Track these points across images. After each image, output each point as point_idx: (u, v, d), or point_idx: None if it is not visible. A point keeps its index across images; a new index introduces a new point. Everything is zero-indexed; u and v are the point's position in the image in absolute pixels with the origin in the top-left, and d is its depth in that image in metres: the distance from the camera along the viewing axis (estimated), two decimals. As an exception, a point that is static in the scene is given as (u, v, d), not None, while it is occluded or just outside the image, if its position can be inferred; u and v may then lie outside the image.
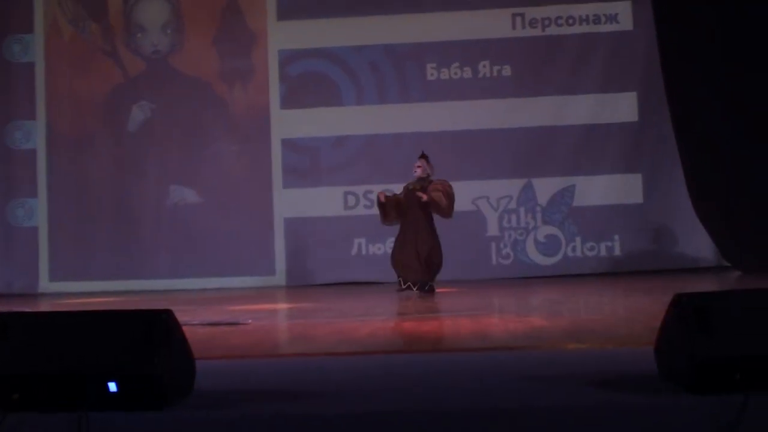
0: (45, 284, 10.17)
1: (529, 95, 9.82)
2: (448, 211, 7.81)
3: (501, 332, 4.53)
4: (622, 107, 9.73)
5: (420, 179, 7.91)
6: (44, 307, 8.04)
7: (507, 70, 9.90)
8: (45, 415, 2.41)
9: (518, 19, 9.95)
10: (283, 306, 7.63)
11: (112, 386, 2.43)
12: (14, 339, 2.49)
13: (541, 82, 9.81)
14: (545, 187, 9.81)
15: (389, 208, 7.96)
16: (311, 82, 10.16)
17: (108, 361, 2.43)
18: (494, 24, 9.93)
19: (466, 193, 9.81)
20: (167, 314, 2.54)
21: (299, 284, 9.74)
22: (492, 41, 9.92)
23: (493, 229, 9.86)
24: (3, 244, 10.24)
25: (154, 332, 2.47)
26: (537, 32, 9.93)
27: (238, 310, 6.53)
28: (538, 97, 9.80)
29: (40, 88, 10.35)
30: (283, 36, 10.20)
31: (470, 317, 5.31)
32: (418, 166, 7.96)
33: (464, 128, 9.88)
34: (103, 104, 10.36)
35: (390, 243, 9.86)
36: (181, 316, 2.67)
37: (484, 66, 9.93)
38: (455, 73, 9.96)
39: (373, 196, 9.91)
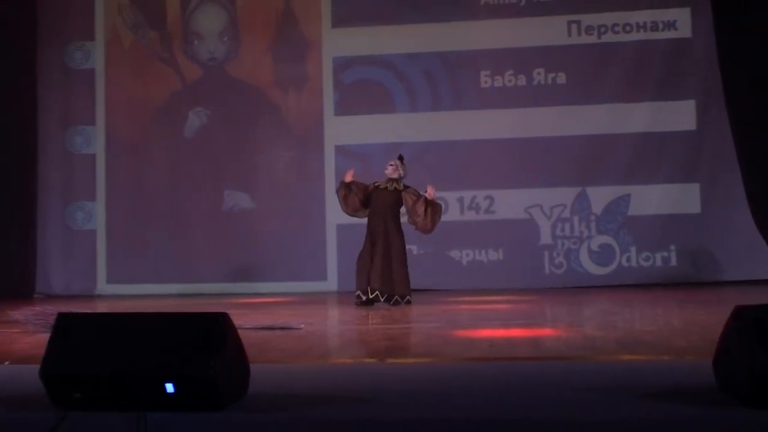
0: (102, 286, 10.37)
1: (585, 103, 9.73)
2: (432, 226, 7.45)
3: (554, 342, 4.49)
4: (679, 115, 9.59)
5: (391, 179, 7.56)
6: (102, 308, 8.19)
7: (562, 78, 9.82)
8: (105, 414, 2.46)
9: (574, 26, 9.87)
10: (334, 311, 7.66)
11: (170, 387, 2.46)
12: (76, 339, 2.55)
13: (597, 89, 9.72)
14: (600, 196, 9.71)
15: (354, 191, 7.51)
16: (365, 89, 10.21)
17: (165, 363, 2.47)
18: (549, 31, 9.86)
19: (518, 201, 9.78)
20: (223, 317, 2.57)
21: (351, 290, 9.75)
22: (547, 48, 9.86)
23: (546, 238, 9.77)
24: (63, 246, 10.46)
25: (210, 335, 2.50)
26: (593, 39, 9.84)
27: (291, 315, 6.58)
28: (594, 105, 9.71)
29: (100, 94, 10.57)
30: (338, 43, 10.27)
31: (522, 326, 5.27)
32: (391, 165, 7.59)
33: (518, 136, 9.83)
34: (160, 110, 10.54)
35: (443, 249, 9.88)
36: (235, 320, 2.70)
37: (539, 73, 9.87)
38: (509, 81, 9.92)
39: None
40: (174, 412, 2.48)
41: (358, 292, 7.37)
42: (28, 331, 5.47)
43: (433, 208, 7.41)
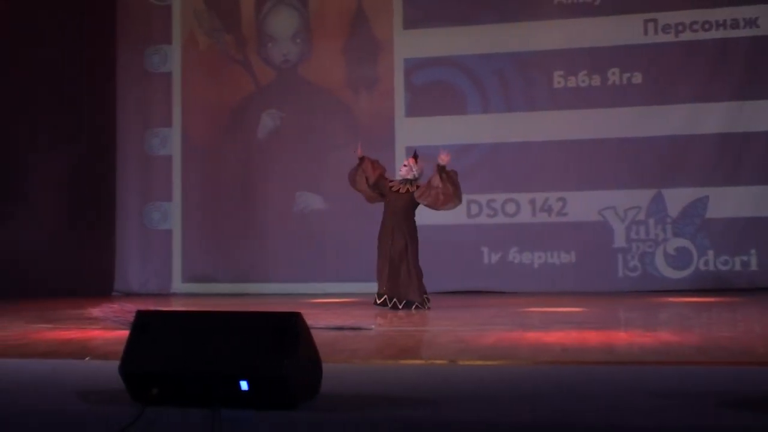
0: (177, 285, 10.58)
1: (661, 103, 9.53)
2: (455, 190, 7.22)
3: (628, 346, 4.41)
4: (760, 115, 9.31)
5: (405, 180, 7.39)
6: (177, 306, 8.36)
7: (637, 78, 9.64)
8: (181, 410, 2.51)
9: (650, 25, 9.67)
10: (404, 313, 7.66)
11: (244, 385, 2.50)
12: (154, 336, 2.61)
13: (674, 89, 9.51)
14: (677, 198, 9.49)
15: (367, 170, 7.43)
16: (436, 90, 10.19)
17: (240, 361, 2.51)
18: (624, 30, 9.69)
19: (592, 203, 9.64)
20: (297, 317, 2.60)
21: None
22: (622, 48, 9.69)
23: (620, 241, 9.60)
24: (140, 245, 10.72)
25: (284, 334, 2.53)
26: (670, 38, 9.63)
27: (362, 316, 6.61)
28: (671, 105, 9.50)
29: (177, 97, 10.80)
30: (409, 45, 10.28)
31: (596, 330, 5.19)
32: (404, 165, 7.42)
33: (591, 137, 9.69)
34: (234, 112, 10.71)
35: (514, 252, 9.81)
36: (306, 320, 2.73)
37: (614, 73, 9.71)
38: (583, 81, 9.78)
39: (497, 205, 9.88)
40: (247, 410, 2.51)
41: (382, 295, 7.27)
42: (107, 328, 5.62)
43: (448, 173, 7.17)
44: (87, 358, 4.04)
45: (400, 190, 7.33)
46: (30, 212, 10.22)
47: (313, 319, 5.62)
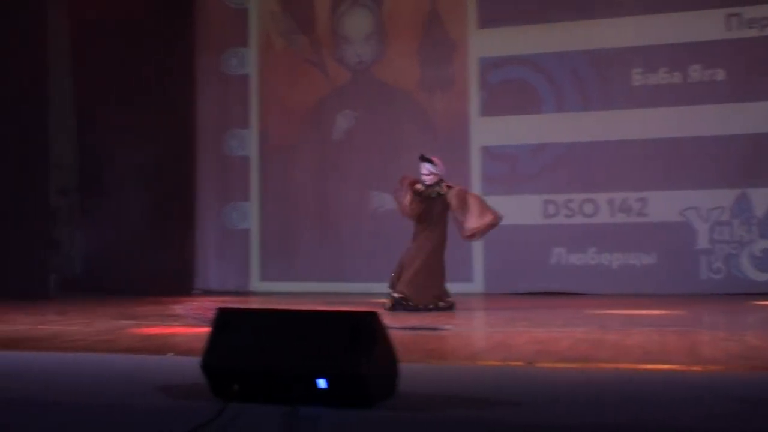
0: (256, 283, 10.74)
1: (746, 100, 9.23)
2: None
3: (712, 350, 4.30)
4: None
5: (432, 185, 7.44)
6: (255, 305, 8.48)
7: (720, 74, 9.37)
8: (260, 407, 2.54)
9: (734, 20, 9.40)
10: (481, 313, 7.63)
11: (322, 383, 2.52)
12: (234, 333, 2.65)
13: (759, 86, 9.20)
14: (763, 198, 9.18)
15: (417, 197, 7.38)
16: (511, 89, 10.10)
17: (318, 359, 2.53)
18: (707, 25, 9.43)
19: (673, 204, 9.41)
20: (374, 316, 2.61)
21: (497, 292, 9.70)
22: (704, 44, 9.44)
23: (703, 242, 9.35)
24: (219, 245, 10.91)
25: (362, 333, 2.54)
26: (755, 33, 9.32)
27: (438, 316, 6.60)
28: (756, 103, 9.20)
29: (254, 99, 10.96)
30: (484, 44, 10.22)
31: (678, 333, 5.08)
32: (426, 175, 7.42)
33: (672, 136, 9.46)
34: (309, 113, 10.81)
35: (593, 253, 9.66)
36: (383, 320, 2.73)
37: (695, 70, 9.46)
38: (663, 78, 9.56)
39: (574, 205, 9.74)
40: (325, 408, 2.53)
41: (396, 295, 7.29)
42: (189, 325, 5.74)
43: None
44: (169, 354, 4.13)
45: (431, 195, 7.40)
46: (114, 211, 10.52)
47: (390, 319, 5.65)
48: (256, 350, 2.60)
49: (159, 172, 10.60)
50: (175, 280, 10.33)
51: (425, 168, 7.43)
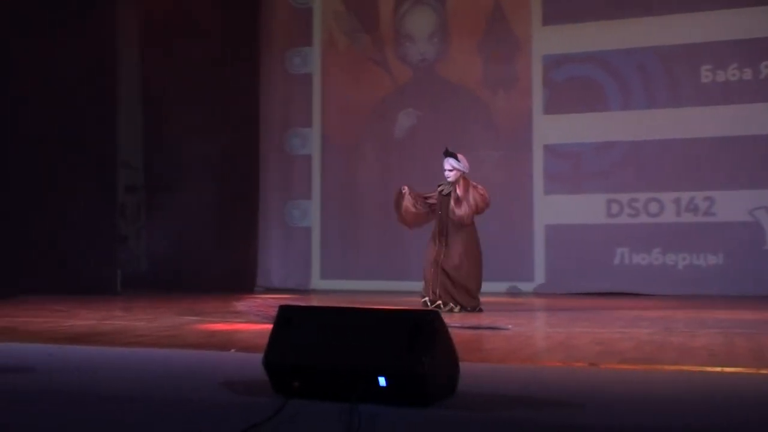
0: (316, 281, 10.82)
1: (819, 97, 8.99)
2: (467, 219, 7.01)
3: (781, 353, 4.19)
4: None
5: (453, 182, 7.11)
6: (316, 302, 8.55)
7: (793, 71, 9.14)
8: (321, 403, 2.56)
9: (808, 15, 9.15)
10: (542, 313, 7.56)
11: (382, 381, 2.52)
12: (296, 330, 2.67)
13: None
14: (835, 198, 8.94)
15: (408, 205, 7.17)
16: (576, 86, 10.00)
17: (379, 357, 2.54)
18: (779, 21, 9.20)
19: (742, 203, 9.20)
20: (435, 315, 2.61)
21: (558, 292, 9.61)
22: (776, 40, 9.21)
23: (772, 242, 9.13)
24: (281, 242, 11.02)
25: (422, 332, 2.54)
26: (830, 28, 9.07)
27: (498, 316, 6.56)
28: (830, 99, 8.96)
29: (317, 98, 11.04)
30: (548, 41, 10.13)
31: (744, 335, 4.95)
32: (449, 170, 7.08)
33: (742, 134, 9.25)
34: (372, 112, 10.85)
35: (657, 253, 9.50)
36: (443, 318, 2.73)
37: (767, 66, 9.23)
38: (733, 75, 9.35)
39: (639, 205, 9.59)
40: (385, 406, 2.53)
41: (425, 299, 7.00)
42: (251, 322, 5.81)
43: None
44: (232, 350, 4.19)
45: (445, 191, 7.12)
46: (179, 209, 10.71)
47: (450, 319, 5.64)
48: (317, 347, 2.62)
49: (223, 171, 10.76)
50: (237, 277, 10.48)
51: (448, 163, 7.10)
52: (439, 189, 7.18)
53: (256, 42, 11.14)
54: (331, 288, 10.54)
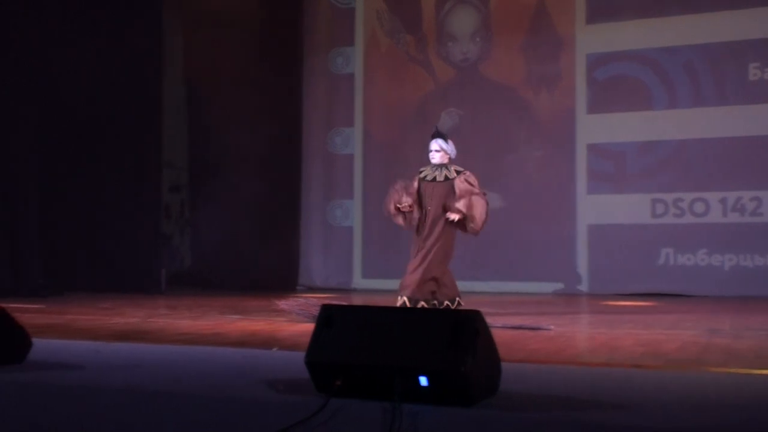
0: (358, 280, 10.84)
1: None
2: (478, 230, 6.35)
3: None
4: None
5: (440, 166, 6.41)
6: (357, 301, 8.58)
7: (843, 68, 8.95)
8: (363, 402, 2.57)
9: None
10: (584, 314, 7.50)
11: (423, 380, 2.53)
12: (338, 329, 2.69)
13: None
14: None
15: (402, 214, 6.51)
16: (620, 85, 9.90)
17: (420, 356, 2.54)
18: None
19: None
20: (477, 315, 2.60)
21: (602, 292, 9.52)
22: (826, 36, 9.03)
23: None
24: (323, 242, 11.07)
25: (464, 331, 2.54)
26: None
27: (540, 316, 6.53)
28: None
29: (359, 97, 11.07)
30: (592, 39, 10.04)
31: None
32: (436, 150, 6.36)
33: (791, 132, 9.09)
34: (414, 111, 10.84)
35: (702, 254, 9.36)
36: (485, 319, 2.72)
37: (816, 64, 9.06)
38: (781, 73, 9.19)
39: (684, 205, 9.46)
40: (426, 405, 2.54)
41: (403, 299, 6.40)
42: (293, 321, 5.85)
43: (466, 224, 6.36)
44: (274, 349, 4.22)
45: (437, 178, 6.39)
46: (222, 209, 10.82)
47: (492, 318, 5.62)
48: (359, 346, 2.63)
49: (265, 171, 10.85)
50: (280, 276, 10.56)
51: (436, 143, 6.44)
52: (422, 175, 6.48)
53: (300, 42, 11.20)
54: (373, 287, 10.56)
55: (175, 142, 11.29)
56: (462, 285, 10.06)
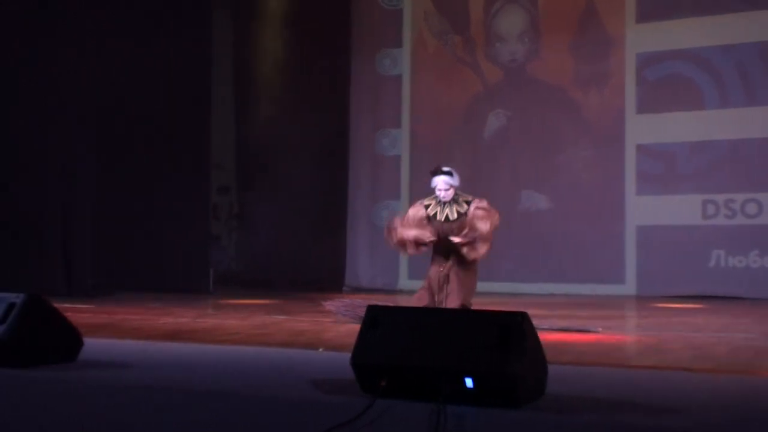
0: (404, 282, 10.84)
1: None
2: (482, 256, 6.00)
3: None
4: None
5: (448, 202, 6.06)
6: (403, 302, 8.57)
7: None
8: (408, 403, 2.57)
9: None
10: (633, 316, 7.41)
11: (469, 382, 2.52)
12: (384, 330, 2.69)
13: None
14: None
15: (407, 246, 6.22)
16: (670, 85, 9.76)
17: (466, 358, 2.53)
18: None
19: None
20: (524, 316, 2.59)
21: (650, 295, 9.39)
22: None
23: None
24: (369, 242, 11.08)
25: (511, 333, 2.52)
26: None
27: (588, 318, 6.46)
28: None
29: (406, 99, 11.07)
30: (642, 38, 9.91)
31: None
32: (445, 189, 5.98)
33: None
34: (461, 113, 10.81)
35: (755, 256, 9.18)
36: (532, 320, 2.71)
37: None
38: (837, 71, 8.98)
39: (736, 206, 9.29)
40: (472, 407, 2.53)
41: None
42: (339, 321, 5.87)
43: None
44: (320, 349, 4.24)
45: (449, 217, 6.08)
46: (269, 209, 10.91)
47: (539, 320, 5.58)
48: (405, 348, 2.63)
49: (312, 172, 10.90)
50: (326, 277, 10.59)
51: (443, 182, 6.01)
52: (431, 212, 6.18)
53: (347, 43, 11.24)
54: (417, 288, 10.52)
55: (224, 143, 11.41)
56: (509, 286, 10.06)
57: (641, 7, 9.92)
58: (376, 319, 2.72)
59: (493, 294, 9.64)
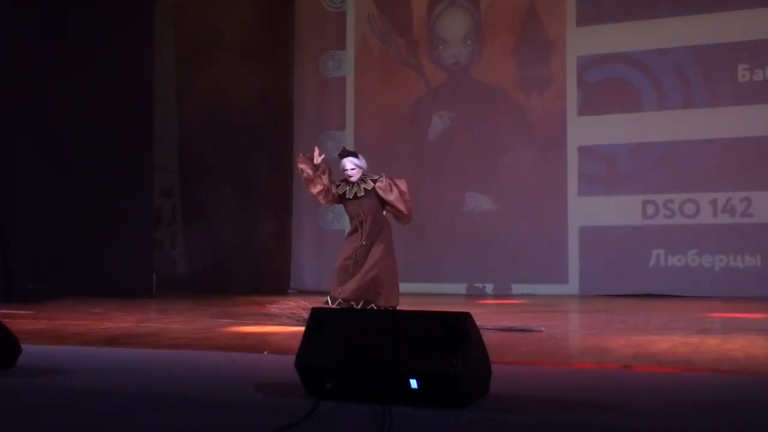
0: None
1: None
2: (409, 215, 6.33)
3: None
4: None
5: (356, 182, 6.33)
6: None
7: (832, 70, 9.00)
8: (353, 405, 2.57)
9: None
10: (576, 315, 7.51)
11: (413, 383, 2.53)
12: (328, 333, 2.69)
13: None
14: None
15: (316, 171, 6.39)
16: (610, 87, 9.93)
17: (410, 359, 2.54)
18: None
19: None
20: (467, 317, 2.61)
21: (592, 294, 9.55)
22: (815, 38, 9.08)
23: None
24: (314, 245, 11.06)
25: (454, 334, 2.54)
26: None
27: (531, 317, 6.53)
28: None
29: (350, 101, 11.08)
30: (582, 42, 10.07)
31: (784, 338, 4.89)
32: (351, 168, 6.27)
33: (780, 134, 9.13)
34: (406, 115, 10.85)
35: (693, 255, 9.39)
36: (475, 320, 2.73)
37: (805, 66, 9.10)
38: (771, 74, 9.23)
39: (675, 206, 9.49)
40: (417, 408, 2.54)
41: (338, 300, 6.20)
42: (284, 324, 5.84)
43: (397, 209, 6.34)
44: (265, 352, 4.21)
45: (358, 194, 6.31)
46: (213, 212, 10.80)
47: (482, 320, 5.62)
48: (350, 350, 2.63)
49: (256, 175, 10.82)
50: (271, 280, 10.54)
51: (350, 162, 6.32)
52: (340, 190, 6.39)
53: (291, 47, 11.19)
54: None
55: (167, 148, 11.26)
56: (453, 287, 10.14)
57: (581, 10, 10.08)
58: (320, 322, 2.72)
59: (437, 295, 9.70)
